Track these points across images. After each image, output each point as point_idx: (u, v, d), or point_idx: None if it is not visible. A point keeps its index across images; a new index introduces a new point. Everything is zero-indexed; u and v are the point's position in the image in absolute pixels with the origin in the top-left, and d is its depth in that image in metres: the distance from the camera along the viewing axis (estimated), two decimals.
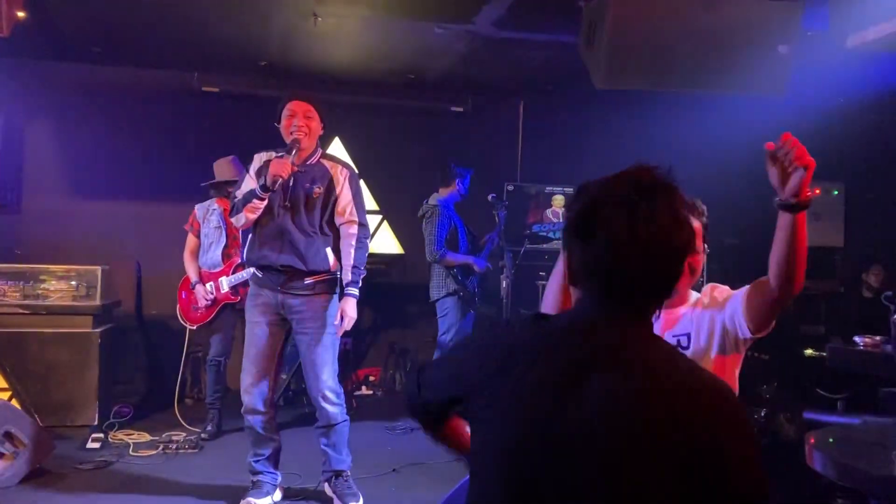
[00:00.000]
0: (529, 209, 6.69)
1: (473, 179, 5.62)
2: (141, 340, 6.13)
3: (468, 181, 5.57)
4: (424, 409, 1.53)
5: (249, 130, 5.89)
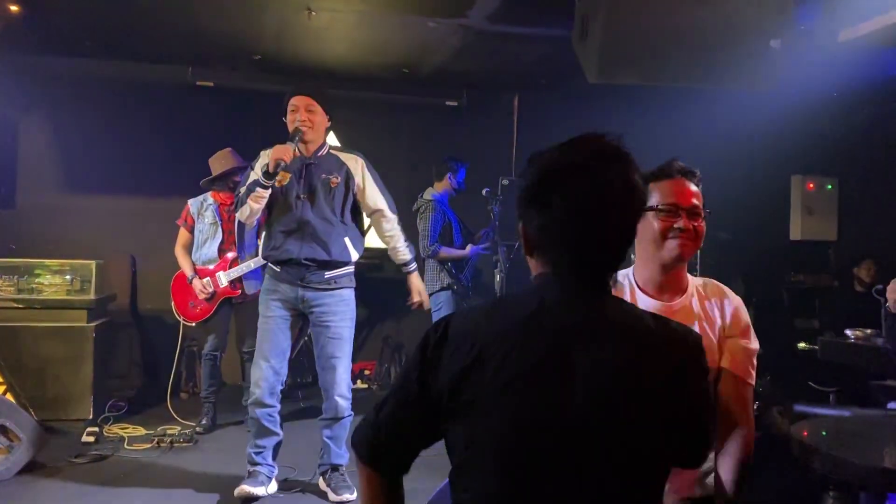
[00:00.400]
0: None
1: (468, 174, 5.63)
2: (136, 335, 6.13)
3: (463, 176, 5.59)
4: (389, 448, 1.36)
5: (244, 124, 5.92)
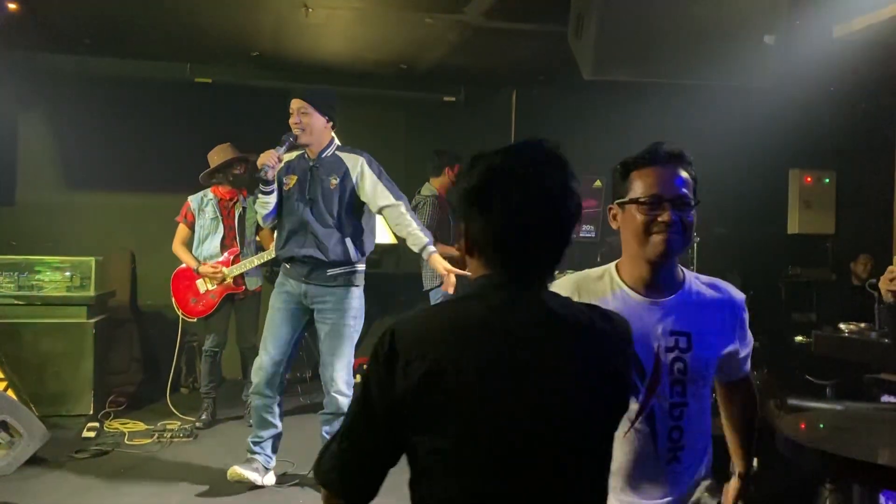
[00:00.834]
0: None
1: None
2: (135, 330, 6.15)
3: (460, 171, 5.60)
4: (359, 473, 1.39)
5: (242, 121, 5.93)
